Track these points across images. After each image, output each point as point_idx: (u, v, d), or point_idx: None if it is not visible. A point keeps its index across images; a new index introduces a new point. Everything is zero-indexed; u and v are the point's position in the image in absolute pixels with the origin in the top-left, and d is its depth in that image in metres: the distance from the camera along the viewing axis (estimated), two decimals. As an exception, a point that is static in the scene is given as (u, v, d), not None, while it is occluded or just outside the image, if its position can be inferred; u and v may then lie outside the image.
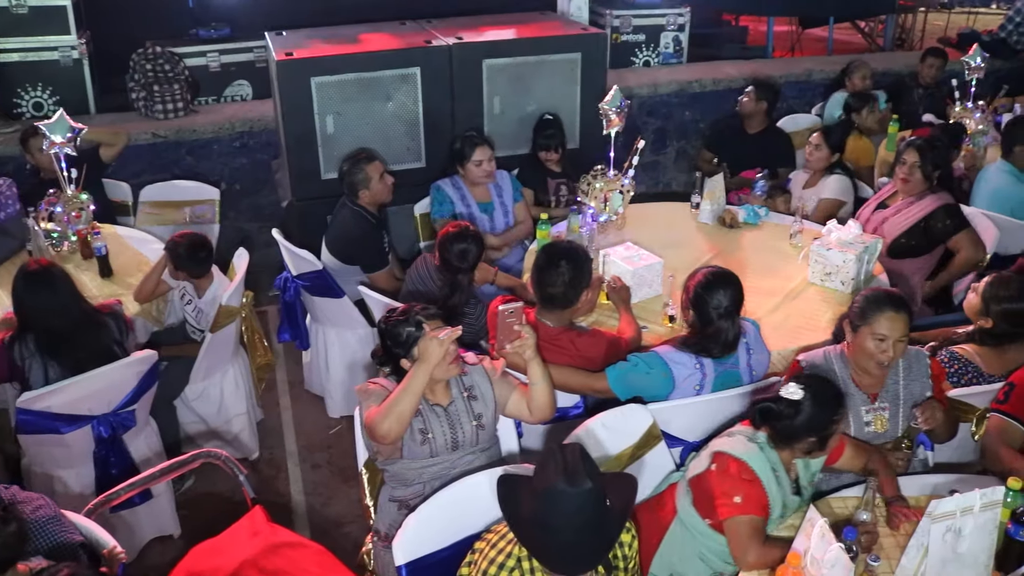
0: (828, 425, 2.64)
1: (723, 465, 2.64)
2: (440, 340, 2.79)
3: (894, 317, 2.93)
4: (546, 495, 2.25)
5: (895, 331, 2.92)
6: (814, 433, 2.64)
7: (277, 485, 4.39)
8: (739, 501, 2.58)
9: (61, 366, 3.46)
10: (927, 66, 6.72)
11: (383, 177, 4.53)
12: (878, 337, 2.93)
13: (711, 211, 4.75)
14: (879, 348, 2.94)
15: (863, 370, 3.03)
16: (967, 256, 4.42)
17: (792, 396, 2.63)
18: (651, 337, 3.65)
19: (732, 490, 2.60)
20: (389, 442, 2.85)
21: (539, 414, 3.03)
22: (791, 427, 2.64)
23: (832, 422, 2.64)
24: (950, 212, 4.41)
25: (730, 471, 2.62)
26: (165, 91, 6.10)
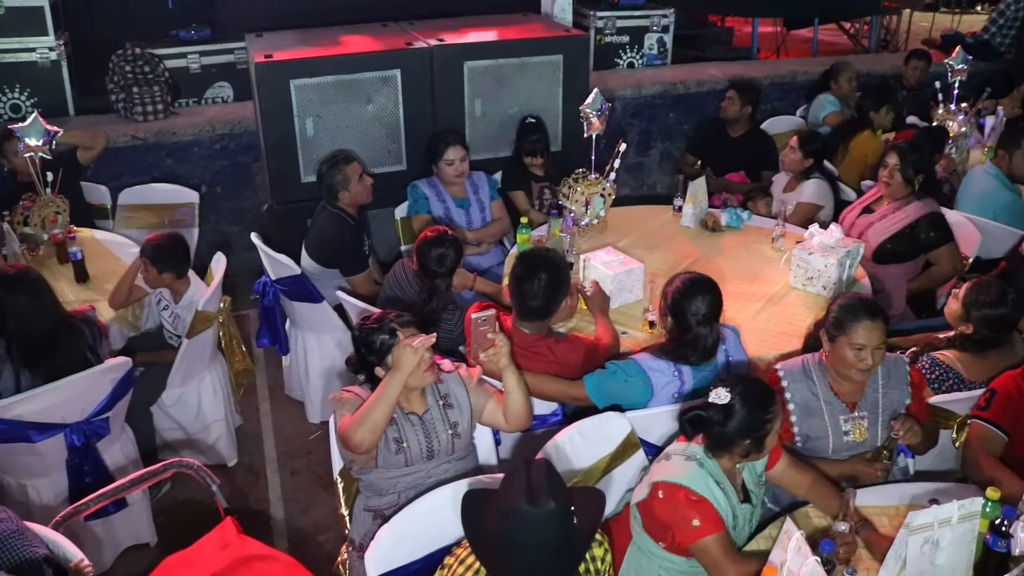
0: (762, 425, 2.60)
1: (669, 493, 2.58)
2: (414, 348, 2.76)
3: (870, 326, 2.90)
4: (509, 516, 2.21)
5: (873, 339, 2.90)
6: (748, 435, 2.60)
7: (255, 492, 4.34)
8: (698, 524, 2.53)
9: (36, 374, 3.40)
10: (911, 68, 6.73)
11: (362, 178, 4.49)
12: (856, 347, 2.91)
13: (693, 214, 4.72)
14: (858, 357, 2.91)
15: (843, 379, 3.00)
16: (945, 270, 4.43)
17: (721, 401, 2.60)
18: (631, 343, 3.62)
19: (686, 515, 2.55)
20: (363, 452, 2.81)
21: (515, 423, 3.00)
22: (724, 433, 2.60)
23: (765, 421, 2.60)
24: (935, 223, 4.37)
25: (678, 499, 2.56)
26: (145, 93, 6.04)
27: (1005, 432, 3.01)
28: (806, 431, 3.03)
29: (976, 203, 4.87)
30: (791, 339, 3.68)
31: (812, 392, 3.02)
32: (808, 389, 3.03)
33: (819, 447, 3.04)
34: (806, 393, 3.03)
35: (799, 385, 3.04)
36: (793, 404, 3.02)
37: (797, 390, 3.03)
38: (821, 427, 3.02)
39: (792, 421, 3.02)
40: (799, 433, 3.04)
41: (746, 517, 2.70)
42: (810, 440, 3.04)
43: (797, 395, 3.03)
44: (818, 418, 3.02)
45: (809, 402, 3.02)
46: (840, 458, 3.02)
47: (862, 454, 2.99)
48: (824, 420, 3.01)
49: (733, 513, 2.63)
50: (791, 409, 3.02)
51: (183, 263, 4.16)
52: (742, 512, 2.67)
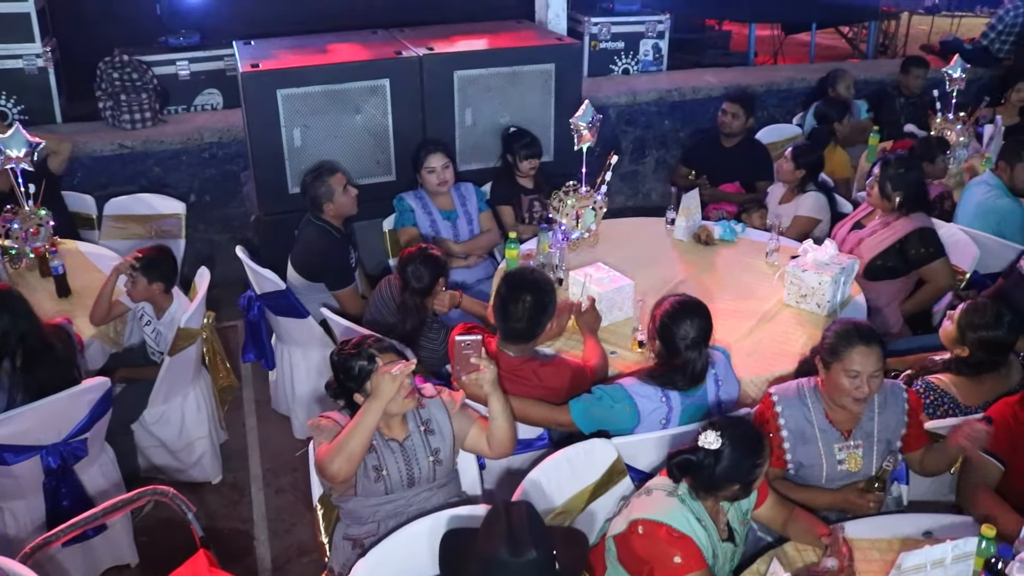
0: (751, 471, 2.53)
1: (650, 530, 2.51)
2: (393, 376, 2.69)
3: (866, 352, 2.82)
4: (489, 565, 2.14)
5: (868, 366, 2.81)
6: (737, 480, 2.53)
7: (239, 511, 4.26)
8: (679, 561, 2.45)
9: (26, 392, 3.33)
10: (912, 77, 6.63)
11: (347, 189, 4.42)
12: (851, 374, 2.82)
13: (686, 227, 4.64)
14: (853, 384, 2.83)
15: (839, 406, 2.92)
16: (937, 287, 4.33)
17: (711, 446, 2.51)
18: (620, 364, 3.54)
19: (667, 552, 2.47)
20: (339, 482, 2.74)
21: (499, 449, 2.93)
22: (712, 477, 2.52)
23: (755, 467, 2.53)
24: (924, 238, 4.27)
25: (659, 535, 2.49)
26: (132, 100, 5.96)
27: (1002, 462, 2.94)
28: (799, 459, 2.95)
29: (978, 214, 4.78)
30: (784, 359, 3.60)
31: (806, 419, 2.94)
32: (802, 415, 2.95)
33: (811, 475, 2.96)
34: (800, 419, 2.95)
35: (793, 411, 2.96)
36: (786, 431, 2.95)
37: (791, 416, 2.95)
38: (815, 455, 2.94)
39: (784, 448, 2.95)
40: (791, 460, 2.96)
41: (727, 556, 2.62)
42: (803, 468, 2.96)
43: (791, 421, 2.95)
44: (812, 446, 2.94)
45: (803, 429, 2.94)
46: (832, 487, 2.94)
47: (855, 483, 2.91)
48: (818, 448, 2.93)
49: (714, 552, 2.55)
50: (784, 436, 2.95)
51: (172, 275, 4.11)
52: (723, 551, 2.59)
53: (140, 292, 4.01)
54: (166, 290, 4.06)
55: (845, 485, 2.93)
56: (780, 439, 2.95)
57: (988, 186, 4.86)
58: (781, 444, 2.95)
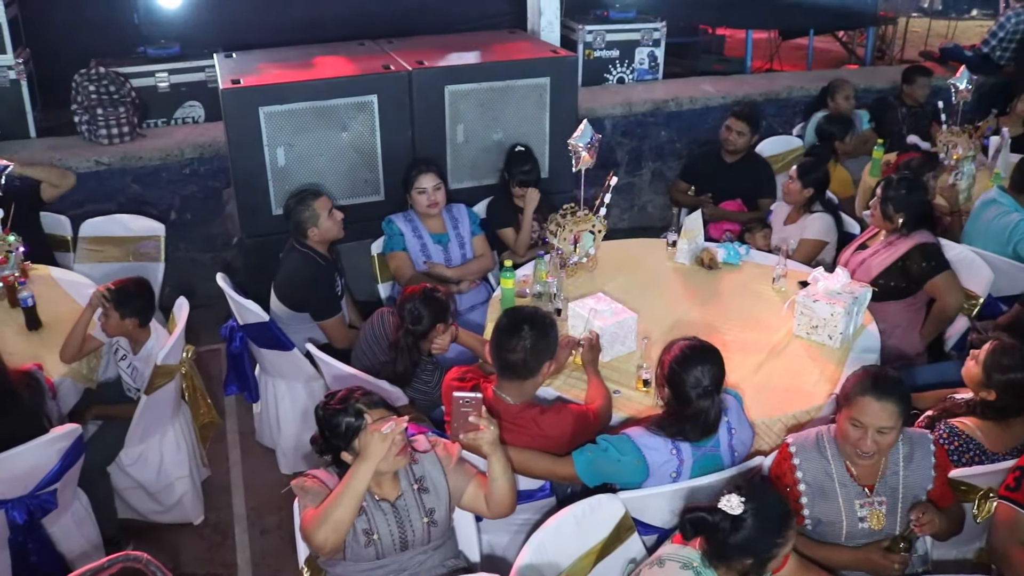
0: (770, 548, 2.32)
1: None
2: (383, 434, 2.48)
3: (876, 405, 2.62)
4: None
5: (875, 419, 2.62)
6: (752, 555, 2.32)
7: (223, 554, 4.04)
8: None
9: None
10: (918, 87, 6.42)
11: (332, 213, 4.21)
12: (855, 423, 2.65)
13: (689, 251, 4.44)
14: (856, 435, 2.65)
15: (845, 454, 2.74)
16: (946, 303, 4.10)
17: (732, 511, 2.31)
18: (624, 404, 3.33)
19: None
20: (326, 552, 2.54)
21: (498, 511, 2.73)
22: (726, 544, 2.33)
23: (775, 545, 2.32)
24: (927, 253, 4.07)
25: None
26: (110, 114, 5.73)
27: (1033, 514, 2.75)
28: (817, 515, 2.76)
29: (991, 234, 4.60)
30: (797, 397, 3.41)
31: (826, 472, 2.76)
32: (822, 468, 2.76)
33: (831, 532, 2.77)
34: (819, 473, 2.76)
35: (812, 463, 2.77)
36: (804, 484, 2.76)
37: (809, 468, 2.77)
38: (835, 511, 2.75)
39: (803, 503, 2.76)
40: (809, 516, 2.77)
41: None
42: (821, 524, 2.77)
43: (809, 474, 2.76)
44: (832, 502, 2.75)
45: (823, 483, 2.75)
46: (853, 544, 2.75)
47: (878, 542, 2.72)
48: (838, 504, 2.75)
49: None
50: (802, 490, 2.76)
51: (147, 310, 3.88)
52: None
53: (113, 327, 3.79)
54: (141, 325, 3.84)
55: (867, 544, 2.74)
56: (798, 493, 2.77)
57: (999, 204, 4.68)
58: (799, 499, 2.77)
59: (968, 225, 4.80)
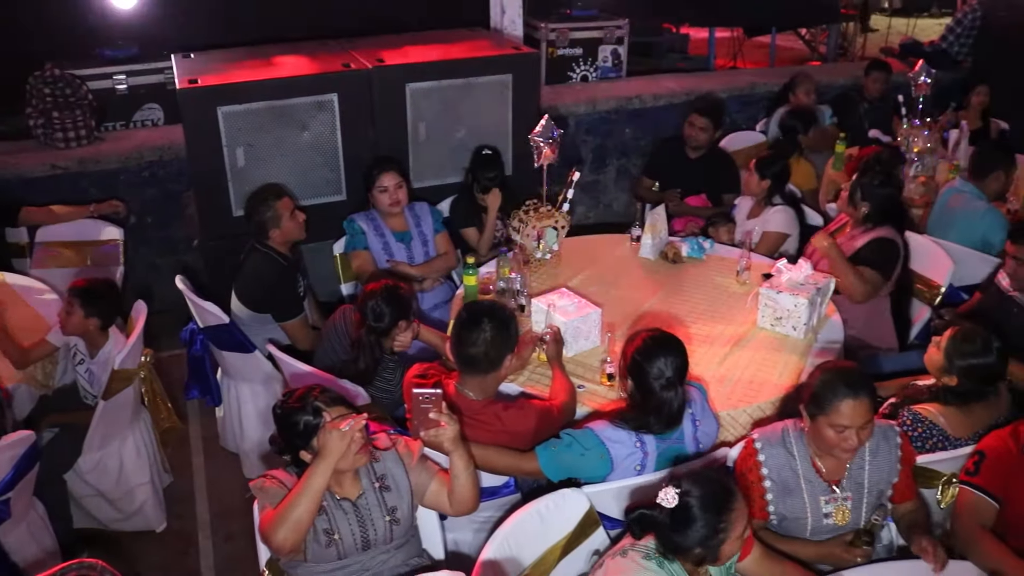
0: (714, 534, 2.28)
1: None
2: (342, 432, 2.44)
3: (853, 405, 2.59)
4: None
5: (857, 418, 2.59)
6: (698, 544, 2.28)
7: (186, 562, 3.97)
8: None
9: None
10: (872, 80, 6.51)
11: (294, 214, 4.16)
12: (838, 428, 2.61)
13: (653, 245, 4.43)
14: (840, 438, 2.61)
15: (826, 455, 2.72)
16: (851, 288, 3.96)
17: (668, 504, 2.28)
18: (589, 399, 3.31)
19: None
20: (286, 552, 2.49)
21: (460, 508, 2.69)
22: (672, 538, 2.30)
23: (719, 531, 2.28)
24: (879, 247, 4.06)
25: None
26: (66, 117, 5.63)
27: (996, 499, 2.76)
28: (782, 511, 2.74)
29: (959, 223, 4.63)
30: (761, 388, 3.40)
31: (791, 468, 2.73)
32: (787, 464, 2.74)
33: (795, 528, 2.75)
34: (785, 469, 2.73)
35: (777, 460, 2.74)
36: (770, 481, 2.73)
37: (775, 465, 2.74)
38: (799, 507, 2.73)
39: (768, 499, 2.74)
40: (774, 512, 2.75)
41: None
42: (786, 520, 2.76)
43: (775, 471, 2.74)
44: (796, 498, 2.73)
45: (787, 480, 2.73)
46: (817, 539, 2.74)
47: (841, 536, 2.71)
48: (803, 500, 2.73)
49: None
50: (767, 487, 2.74)
51: (113, 312, 3.84)
52: None
53: (74, 325, 3.73)
54: (102, 327, 3.77)
55: (831, 538, 2.73)
56: (763, 489, 2.74)
57: (962, 193, 4.72)
58: (764, 495, 2.74)
59: (934, 215, 4.83)
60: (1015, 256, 3.73)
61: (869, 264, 4.00)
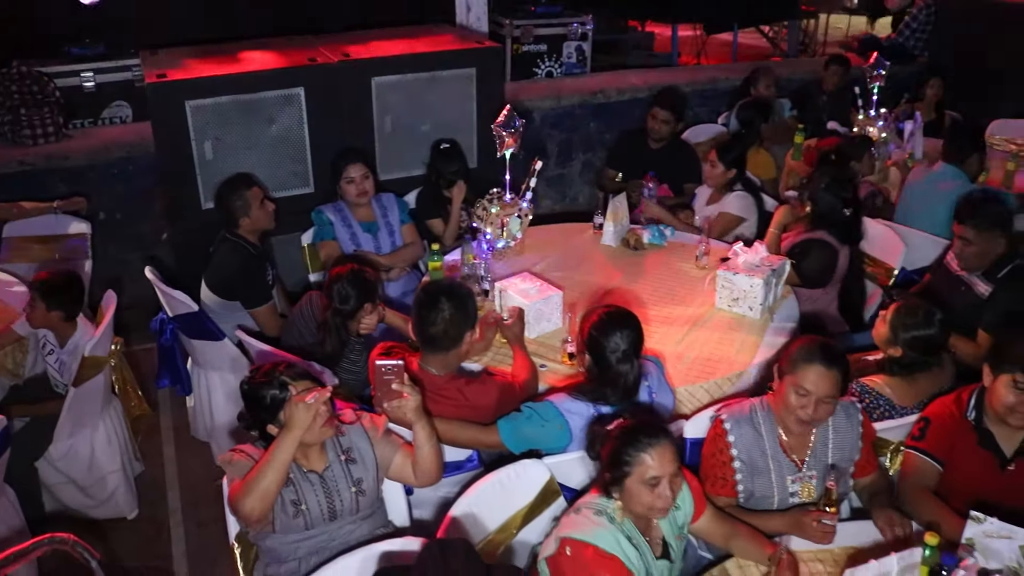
0: (619, 464, 2.42)
1: (576, 551, 2.37)
2: (307, 404, 2.52)
3: (823, 373, 2.67)
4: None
5: (820, 388, 2.67)
6: (607, 467, 2.46)
7: (158, 547, 4.02)
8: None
9: None
10: (830, 73, 6.68)
11: (263, 203, 4.22)
12: (800, 391, 2.69)
13: (614, 232, 4.54)
14: (799, 403, 2.70)
15: (784, 426, 2.80)
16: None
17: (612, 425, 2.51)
18: (551, 377, 3.41)
19: (594, 573, 2.34)
20: (254, 521, 2.56)
21: (424, 479, 2.78)
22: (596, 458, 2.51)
23: (623, 461, 2.42)
24: (801, 245, 4.21)
25: (586, 557, 2.35)
26: (33, 115, 5.66)
27: (940, 463, 2.88)
28: (751, 489, 2.82)
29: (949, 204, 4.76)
30: (718, 365, 3.52)
31: (759, 448, 2.80)
32: (755, 444, 2.80)
33: (763, 504, 2.83)
34: (753, 449, 2.80)
35: (746, 439, 2.81)
36: (739, 461, 2.80)
37: (744, 446, 2.80)
38: (767, 487, 2.81)
39: (737, 479, 2.81)
40: (743, 491, 2.83)
41: (663, 574, 2.49)
42: (753, 498, 2.84)
43: (743, 451, 2.80)
44: (764, 477, 2.81)
45: (756, 460, 2.80)
46: None
47: (805, 505, 2.78)
48: (771, 479, 2.80)
49: (648, 571, 2.43)
50: (736, 467, 2.80)
51: (75, 304, 3.89)
52: (658, 569, 2.47)
53: (38, 319, 3.78)
54: (66, 319, 3.82)
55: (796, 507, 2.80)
56: (732, 469, 2.81)
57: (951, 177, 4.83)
58: (733, 475, 2.81)
59: (915, 199, 4.95)
60: (961, 236, 3.86)
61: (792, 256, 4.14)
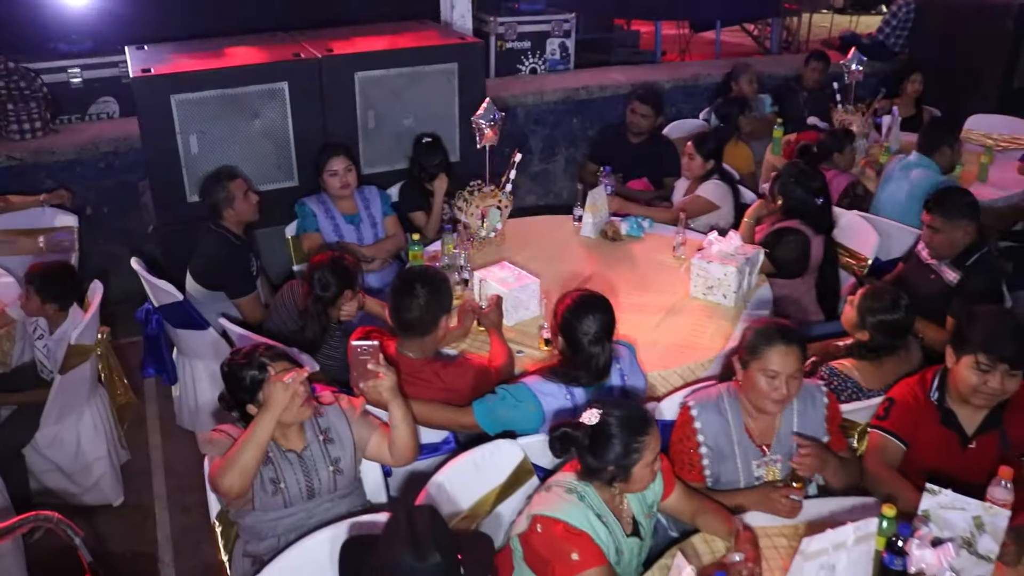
0: (628, 454, 2.45)
1: (547, 527, 2.44)
2: (285, 384, 2.59)
3: (785, 351, 2.75)
4: (393, 571, 2.06)
5: (787, 366, 2.75)
6: (613, 462, 2.46)
7: (144, 532, 4.09)
8: (577, 558, 2.39)
9: None
10: (810, 70, 6.78)
11: (247, 195, 4.30)
12: (769, 374, 2.76)
13: (593, 224, 4.62)
14: (771, 386, 2.76)
15: (758, 410, 2.86)
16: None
17: (590, 421, 2.48)
18: (527, 362, 3.49)
19: (564, 550, 2.40)
20: (234, 497, 2.64)
21: (401, 457, 2.85)
22: (588, 456, 2.49)
23: (632, 451, 2.45)
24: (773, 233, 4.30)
25: (555, 532, 2.42)
26: (21, 110, 5.72)
27: (903, 442, 2.97)
28: (717, 473, 2.89)
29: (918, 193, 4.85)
30: (692, 351, 3.60)
31: (725, 434, 2.87)
32: (721, 430, 2.87)
33: (730, 487, 2.90)
34: (719, 435, 2.87)
35: (713, 426, 2.88)
36: (705, 447, 2.87)
37: (710, 432, 2.87)
38: (733, 471, 2.88)
39: (704, 464, 2.88)
40: (710, 475, 2.90)
41: (633, 552, 2.56)
42: (720, 482, 2.91)
43: (710, 437, 2.87)
44: (730, 463, 2.88)
45: (722, 446, 2.87)
46: None
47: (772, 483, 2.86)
48: (736, 464, 2.88)
49: (618, 548, 2.50)
50: (703, 452, 2.87)
51: (69, 296, 3.97)
52: (628, 547, 2.54)
53: (33, 309, 3.87)
54: (61, 309, 3.90)
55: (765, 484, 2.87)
56: (699, 455, 2.88)
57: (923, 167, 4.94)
58: (700, 460, 2.88)
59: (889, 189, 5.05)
60: (930, 225, 3.96)
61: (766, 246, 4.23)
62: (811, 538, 2.24)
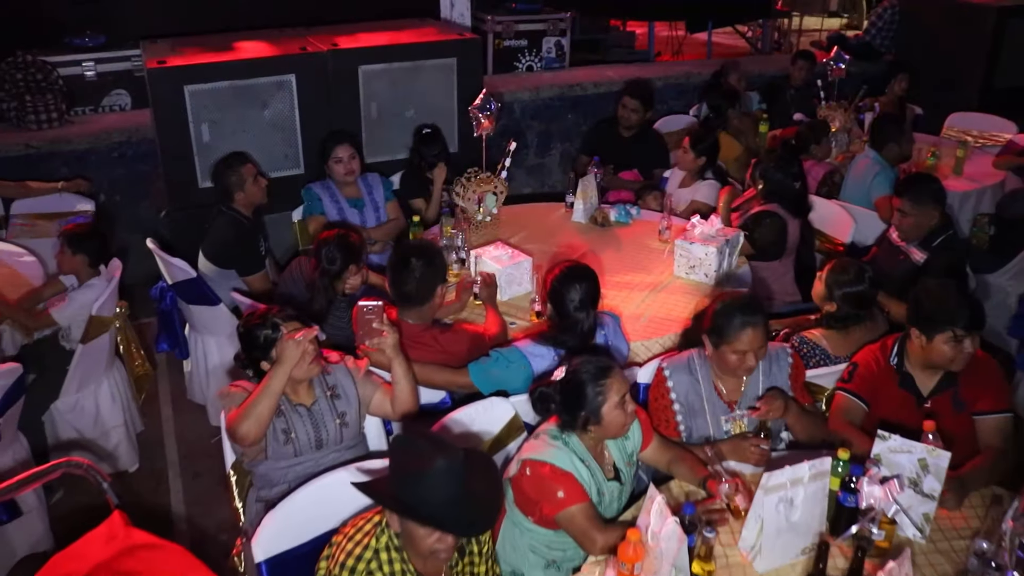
0: (594, 398, 2.70)
1: (535, 469, 2.71)
2: (296, 341, 2.84)
3: (752, 332, 2.98)
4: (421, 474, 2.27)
5: (754, 343, 2.99)
6: (582, 408, 2.71)
7: (157, 497, 4.34)
8: (562, 496, 2.65)
9: None
10: (797, 68, 7.02)
11: (257, 179, 4.54)
12: (739, 352, 3.00)
13: (584, 210, 4.88)
14: (741, 360, 3.01)
15: (728, 375, 3.12)
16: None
17: (558, 377, 2.77)
18: (518, 333, 3.73)
19: (551, 488, 2.67)
20: (249, 443, 2.88)
21: (402, 410, 3.10)
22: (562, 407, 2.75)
23: (596, 394, 2.70)
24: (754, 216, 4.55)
25: (543, 473, 2.69)
26: (38, 101, 5.97)
27: (865, 402, 3.21)
28: (690, 428, 3.14)
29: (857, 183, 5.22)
30: (672, 325, 3.85)
31: (696, 392, 3.13)
32: (692, 388, 3.13)
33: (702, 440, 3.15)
34: (690, 393, 3.13)
35: (683, 386, 3.14)
36: (678, 404, 3.13)
37: (682, 390, 3.13)
38: (704, 426, 3.13)
39: (678, 420, 3.14)
40: (684, 430, 3.15)
41: (614, 495, 2.82)
42: (693, 437, 3.15)
43: (682, 395, 3.13)
44: (701, 418, 3.13)
45: (693, 402, 3.13)
46: None
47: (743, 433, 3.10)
48: (707, 420, 3.13)
49: (599, 490, 2.75)
50: (676, 409, 3.13)
51: (98, 250, 4.29)
52: (609, 489, 2.80)
53: (67, 263, 4.20)
54: (91, 264, 4.19)
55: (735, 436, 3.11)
56: (672, 412, 3.14)
57: (870, 159, 5.25)
58: (674, 416, 3.14)
59: (848, 179, 5.37)
60: (899, 209, 4.21)
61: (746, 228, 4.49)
62: (771, 473, 2.49)
